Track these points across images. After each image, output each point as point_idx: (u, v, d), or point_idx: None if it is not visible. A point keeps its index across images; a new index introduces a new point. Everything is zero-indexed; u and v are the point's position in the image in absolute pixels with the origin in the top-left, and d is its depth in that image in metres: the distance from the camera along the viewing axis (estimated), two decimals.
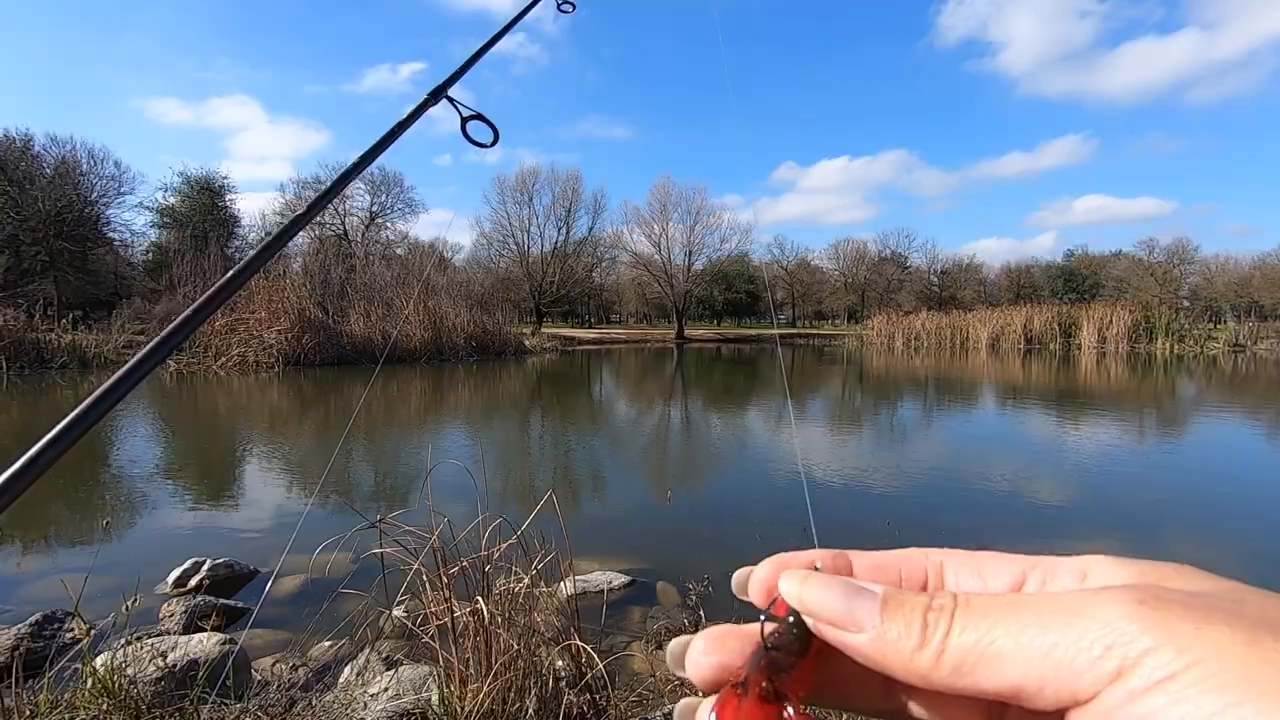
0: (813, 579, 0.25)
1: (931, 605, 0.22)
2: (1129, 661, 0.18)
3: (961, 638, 0.21)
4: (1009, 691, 0.20)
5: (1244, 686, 0.16)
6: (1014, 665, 0.20)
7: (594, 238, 50.73)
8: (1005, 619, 0.21)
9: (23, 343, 17.14)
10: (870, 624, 0.23)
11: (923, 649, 0.22)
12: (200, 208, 38.30)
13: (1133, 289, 52.79)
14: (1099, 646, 0.19)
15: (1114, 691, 0.18)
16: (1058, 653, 0.19)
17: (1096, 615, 0.19)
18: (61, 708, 1.75)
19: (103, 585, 3.65)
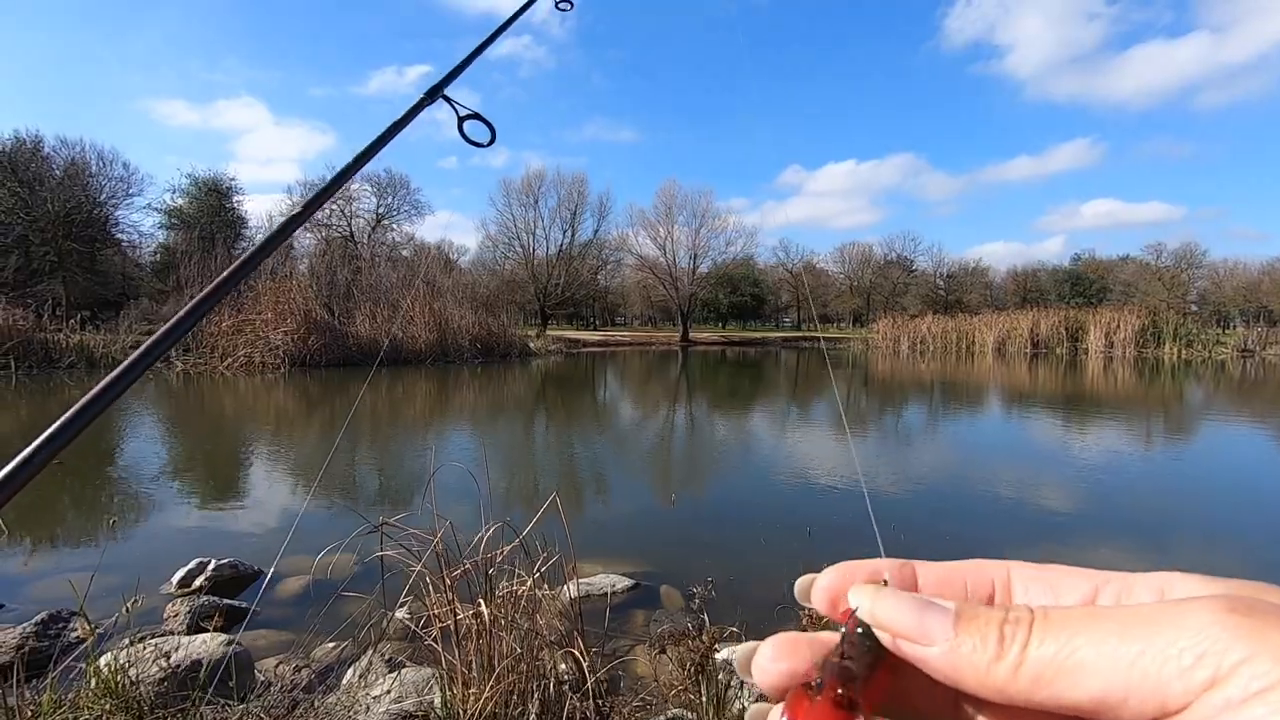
0: (884, 594, 0.24)
1: (1008, 618, 0.22)
2: (1224, 671, 0.17)
3: (1040, 650, 0.20)
4: (1091, 704, 0.19)
5: None
6: (1097, 676, 0.19)
7: (599, 240, 50.80)
8: (1086, 630, 0.20)
9: (31, 342, 17.25)
10: (944, 637, 0.22)
11: (1000, 661, 0.21)
12: (208, 209, 38.48)
13: (1140, 293, 52.52)
14: (1190, 655, 0.18)
15: (1208, 700, 0.17)
16: (1144, 661, 0.18)
17: (1186, 624, 0.18)
18: (65, 708, 1.75)
19: (107, 585, 3.65)
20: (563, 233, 48.97)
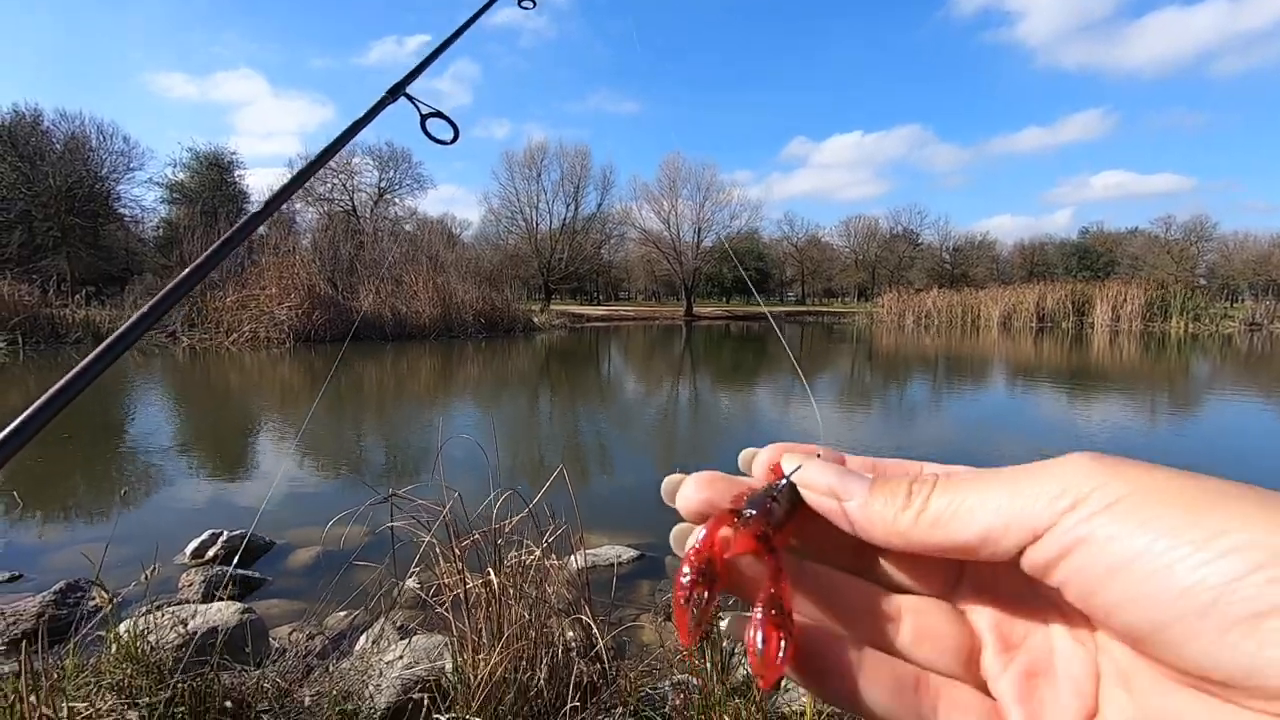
0: (814, 460, 0.28)
1: (916, 479, 0.26)
2: (1082, 495, 0.21)
3: (939, 500, 0.24)
4: (978, 538, 0.23)
5: (1177, 500, 0.19)
6: (984, 515, 0.23)
7: (603, 214, 50.44)
8: (978, 484, 0.24)
9: (38, 318, 17.31)
10: (860, 494, 0.26)
11: (905, 511, 0.25)
12: (209, 183, 38.25)
13: (1148, 267, 52.07)
14: (1057, 490, 0.21)
15: (1066, 520, 0.20)
16: (1022, 500, 0.22)
17: (1056, 470, 0.22)
18: (88, 671, 1.80)
19: (121, 555, 3.72)
20: (566, 206, 48.67)
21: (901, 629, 0.27)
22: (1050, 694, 0.24)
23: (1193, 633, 0.18)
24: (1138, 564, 0.19)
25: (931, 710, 0.24)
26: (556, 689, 1.96)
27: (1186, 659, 0.19)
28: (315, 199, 41.46)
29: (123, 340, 0.70)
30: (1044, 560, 0.21)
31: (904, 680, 0.25)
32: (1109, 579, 0.20)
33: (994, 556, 0.23)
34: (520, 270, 44.82)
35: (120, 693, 1.68)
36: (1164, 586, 0.18)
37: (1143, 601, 0.19)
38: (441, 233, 34.74)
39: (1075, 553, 0.20)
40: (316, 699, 1.93)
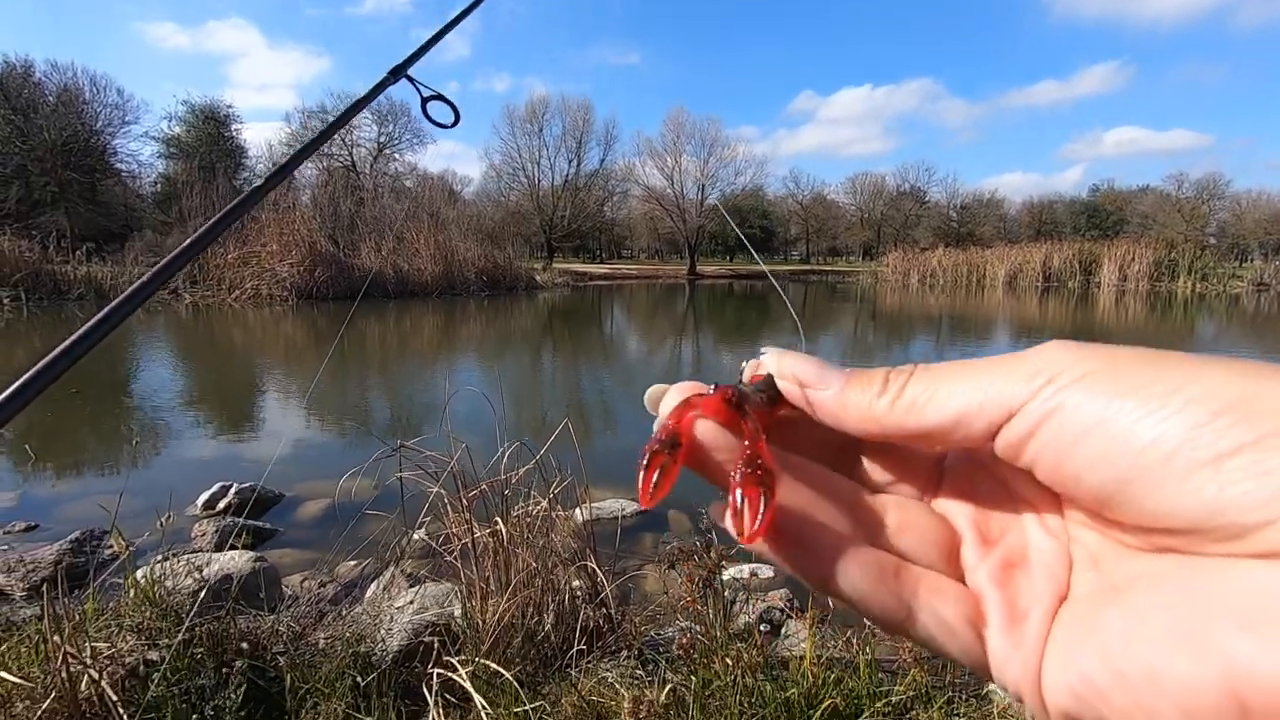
0: (792, 353, 0.28)
1: (892, 369, 0.26)
2: (1056, 372, 0.21)
3: (915, 386, 0.24)
4: (953, 419, 0.23)
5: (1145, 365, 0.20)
6: (959, 397, 0.23)
7: (605, 170, 49.70)
8: (954, 370, 0.24)
9: (39, 274, 17.28)
10: (838, 384, 0.26)
11: (881, 396, 0.25)
12: (206, 138, 37.67)
13: (1158, 225, 51.34)
14: (1032, 370, 0.22)
15: (1043, 393, 0.21)
16: (998, 381, 0.22)
17: (1031, 354, 0.23)
18: (107, 614, 1.86)
19: (133, 507, 3.78)
20: (568, 162, 47.95)
21: (886, 520, 0.27)
22: (1025, 579, 0.24)
23: (1157, 482, 0.19)
24: (1106, 425, 0.20)
25: (912, 595, 0.25)
26: (563, 634, 2.02)
27: (1152, 511, 0.19)
28: (318, 157, 40.82)
29: (127, 304, 0.70)
30: (1017, 437, 0.22)
31: (885, 566, 0.25)
32: (1078, 444, 0.20)
33: (968, 439, 0.23)
34: (522, 228, 44.38)
35: (140, 634, 1.73)
36: (1129, 442, 0.19)
37: (1110, 459, 0.20)
38: (442, 189, 34.32)
39: (1047, 423, 0.21)
40: (330, 641, 1.99)
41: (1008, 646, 0.23)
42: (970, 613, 0.24)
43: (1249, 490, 0.17)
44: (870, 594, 0.25)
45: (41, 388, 0.61)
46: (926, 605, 0.24)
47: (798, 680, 1.71)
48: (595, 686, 1.81)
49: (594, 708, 1.72)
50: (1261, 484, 0.17)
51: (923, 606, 0.24)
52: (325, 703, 1.76)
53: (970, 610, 0.24)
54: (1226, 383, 0.19)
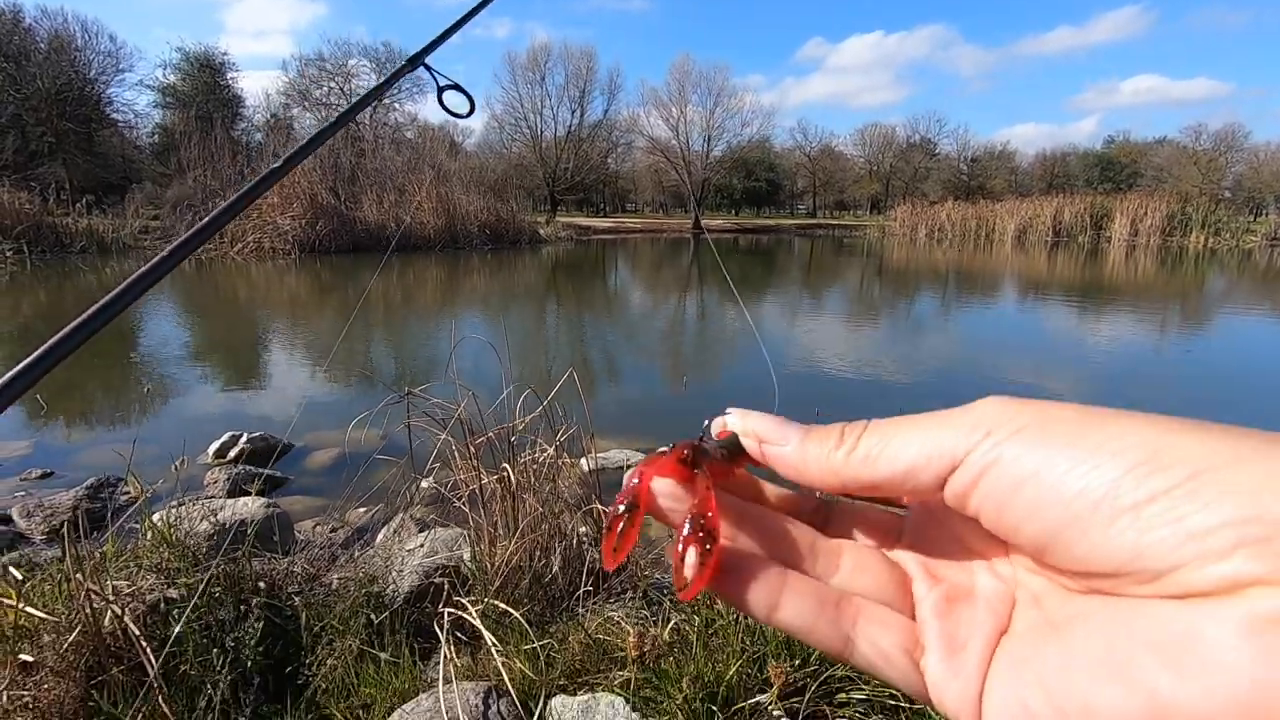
0: (754, 413, 0.30)
1: (847, 425, 0.27)
2: (993, 426, 0.23)
3: (868, 440, 0.26)
4: (903, 471, 0.25)
5: (1078, 421, 0.22)
6: (909, 450, 0.25)
7: (609, 121, 48.68)
8: (905, 425, 0.26)
9: (40, 227, 17.19)
10: (797, 440, 0.28)
11: (838, 449, 0.26)
12: (202, 87, 36.92)
13: (1173, 179, 50.30)
14: (972, 424, 0.23)
15: (981, 446, 0.23)
16: (942, 435, 0.24)
17: (972, 410, 0.24)
18: (126, 555, 1.91)
19: (146, 455, 3.85)
20: (571, 113, 46.95)
21: (841, 562, 0.29)
22: (967, 612, 0.26)
23: (1084, 530, 0.20)
24: (1039, 476, 0.21)
25: (850, 625, 0.26)
26: (570, 576, 2.07)
27: (1082, 557, 0.21)
28: (313, 104, 40.10)
29: (140, 283, 0.70)
30: (962, 486, 0.23)
31: (825, 599, 0.27)
32: (1014, 494, 0.22)
33: (918, 489, 0.25)
34: (525, 180, 43.71)
35: (160, 573, 1.78)
36: (1060, 492, 0.21)
37: (1044, 508, 0.21)
38: (444, 141, 33.71)
39: (987, 475, 0.23)
40: (343, 583, 2.04)
41: (946, 674, 0.25)
42: (907, 642, 0.26)
43: (1164, 536, 0.19)
44: (811, 626, 0.26)
45: (62, 356, 0.62)
46: (864, 634, 0.26)
47: None
48: (602, 625, 1.86)
49: (600, 645, 1.78)
50: (1174, 530, 0.18)
51: (860, 635, 0.26)
52: (340, 639, 1.82)
53: (907, 639, 0.26)
54: (1146, 437, 0.20)
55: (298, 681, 1.75)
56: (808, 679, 1.63)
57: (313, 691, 1.73)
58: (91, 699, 1.46)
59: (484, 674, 1.73)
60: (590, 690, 1.64)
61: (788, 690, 1.61)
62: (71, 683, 1.42)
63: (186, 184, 20.86)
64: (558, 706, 1.58)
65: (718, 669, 1.64)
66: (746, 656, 1.68)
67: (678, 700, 1.57)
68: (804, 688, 1.62)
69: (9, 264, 15.02)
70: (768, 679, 1.62)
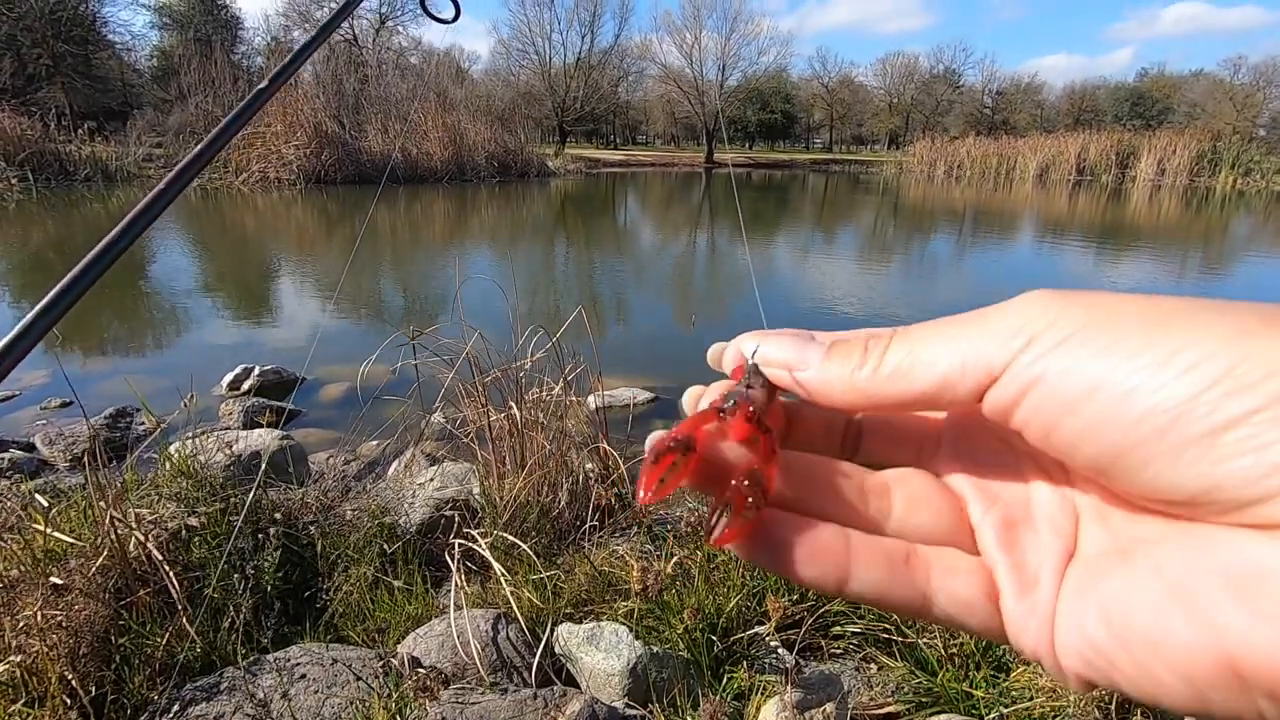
0: (769, 335, 0.28)
1: (871, 336, 0.25)
2: (1037, 332, 0.20)
3: (895, 353, 0.24)
4: (937, 385, 0.22)
5: (1135, 322, 0.19)
6: (941, 362, 0.22)
7: (620, 47, 46.88)
8: (933, 332, 0.23)
9: (44, 154, 16.95)
10: (818, 360, 0.26)
11: (862, 368, 0.24)
12: (199, 7, 35.70)
13: (1206, 115, 48.33)
14: (1010, 329, 0.21)
15: (1022, 358, 0.20)
16: (977, 342, 0.22)
17: (1010, 310, 0.22)
18: (146, 484, 1.97)
19: (160, 387, 3.92)
20: (581, 38, 45.19)
21: (893, 501, 0.27)
22: (1031, 537, 0.24)
23: (1152, 456, 0.18)
24: (1097, 394, 0.19)
25: (925, 581, 0.25)
26: (576, 511, 2.13)
27: (1147, 484, 0.19)
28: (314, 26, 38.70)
29: (146, 212, 0.69)
30: (1003, 403, 0.21)
31: (894, 558, 0.25)
32: (1067, 413, 0.20)
33: (955, 402, 0.23)
34: (533, 110, 42.50)
35: (179, 502, 1.84)
36: (1123, 413, 0.18)
37: (1103, 431, 0.19)
38: (449, 66, 32.66)
39: (1030, 394, 0.20)
40: (357, 514, 2.11)
41: (1023, 613, 0.23)
42: (986, 585, 0.24)
43: (1245, 466, 0.17)
44: (886, 589, 0.25)
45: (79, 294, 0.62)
46: (941, 587, 0.24)
47: None
48: (607, 558, 1.92)
49: (605, 577, 1.84)
50: (1258, 459, 0.16)
51: (937, 589, 0.24)
52: (355, 567, 1.89)
53: (985, 583, 0.24)
54: (1224, 343, 0.18)
55: (316, 606, 1.83)
56: (804, 613, 1.69)
57: (330, 615, 1.81)
58: (121, 619, 1.54)
59: (493, 602, 1.80)
60: (596, 619, 1.71)
61: (785, 623, 1.67)
62: (101, 604, 1.49)
63: (189, 110, 20.41)
64: (564, 633, 1.66)
65: (718, 601, 1.70)
66: (746, 591, 1.74)
67: (679, 630, 1.64)
68: (800, 621, 1.69)
69: (15, 191, 14.91)
70: (766, 612, 1.68)
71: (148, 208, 0.72)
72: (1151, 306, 0.19)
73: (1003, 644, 0.24)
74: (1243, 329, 0.18)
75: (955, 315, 0.24)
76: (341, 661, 1.50)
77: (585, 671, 1.59)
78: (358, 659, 1.54)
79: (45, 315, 0.61)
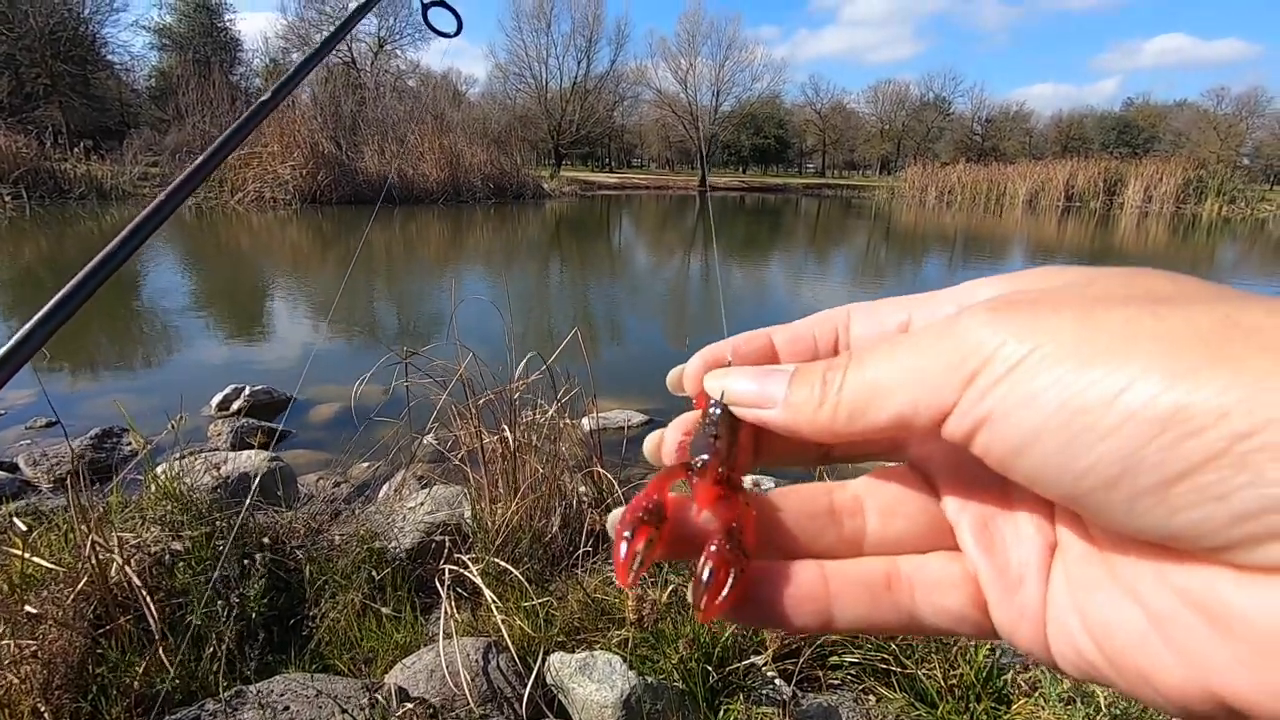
0: (731, 372, 0.27)
1: (829, 366, 0.24)
2: (980, 363, 0.19)
3: (851, 386, 0.23)
4: (894, 422, 0.21)
5: (1072, 355, 0.18)
6: (894, 396, 0.21)
7: (616, 72, 47.56)
8: (886, 359, 0.22)
9: (39, 172, 16.93)
10: (781, 397, 0.25)
11: (822, 405, 0.23)
12: (199, 28, 36.03)
13: (1191, 144, 49.21)
14: (956, 357, 0.20)
15: (968, 395, 0.19)
16: (925, 374, 0.20)
17: (956, 332, 0.20)
18: (131, 508, 1.93)
19: (149, 406, 3.87)
20: (577, 63, 45.84)
21: (867, 517, 0.26)
22: (1011, 532, 0.23)
23: (1103, 504, 0.18)
24: (1042, 440, 0.18)
25: (909, 600, 0.24)
26: (569, 536, 2.09)
27: (1107, 524, 0.19)
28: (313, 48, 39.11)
29: (138, 233, 0.68)
30: (959, 435, 0.20)
31: (875, 583, 0.24)
32: (1017, 455, 0.19)
33: (916, 434, 0.22)
34: (529, 133, 42.91)
35: (164, 526, 1.79)
36: (1068, 462, 0.18)
37: (1052, 475, 0.18)
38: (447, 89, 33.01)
39: (983, 429, 0.19)
40: (346, 538, 2.07)
41: (1013, 617, 0.22)
42: (972, 593, 0.23)
43: (1204, 516, 0.16)
44: (871, 618, 0.24)
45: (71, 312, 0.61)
46: (926, 604, 0.24)
47: None
48: (600, 585, 1.88)
49: (599, 604, 1.80)
50: (1218, 509, 0.16)
51: (923, 607, 0.24)
52: (343, 594, 1.85)
53: (971, 592, 0.23)
54: (1172, 378, 0.16)
55: (301, 634, 1.79)
56: (802, 643, 1.66)
57: (316, 643, 1.76)
58: (100, 647, 1.49)
59: (484, 630, 1.76)
60: (589, 648, 1.67)
61: (782, 653, 1.64)
62: (78, 633, 1.45)
63: (185, 130, 20.48)
64: (556, 663, 1.61)
65: (713, 631, 1.67)
66: None
67: (674, 660, 1.60)
68: (798, 651, 1.65)
69: (8, 209, 14.87)
70: (763, 641, 1.64)
71: (152, 215, 0.70)
72: (1089, 324, 0.18)
73: (1002, 643, 0.24)
74: (1187, 365, 0.16)
75: (907, 334, 0.23)
76: (326, 693, 1.46)
77: (578, 703, 1.55)
78: (343, 690, 1.49)
79: (44, 325, 0.60)
